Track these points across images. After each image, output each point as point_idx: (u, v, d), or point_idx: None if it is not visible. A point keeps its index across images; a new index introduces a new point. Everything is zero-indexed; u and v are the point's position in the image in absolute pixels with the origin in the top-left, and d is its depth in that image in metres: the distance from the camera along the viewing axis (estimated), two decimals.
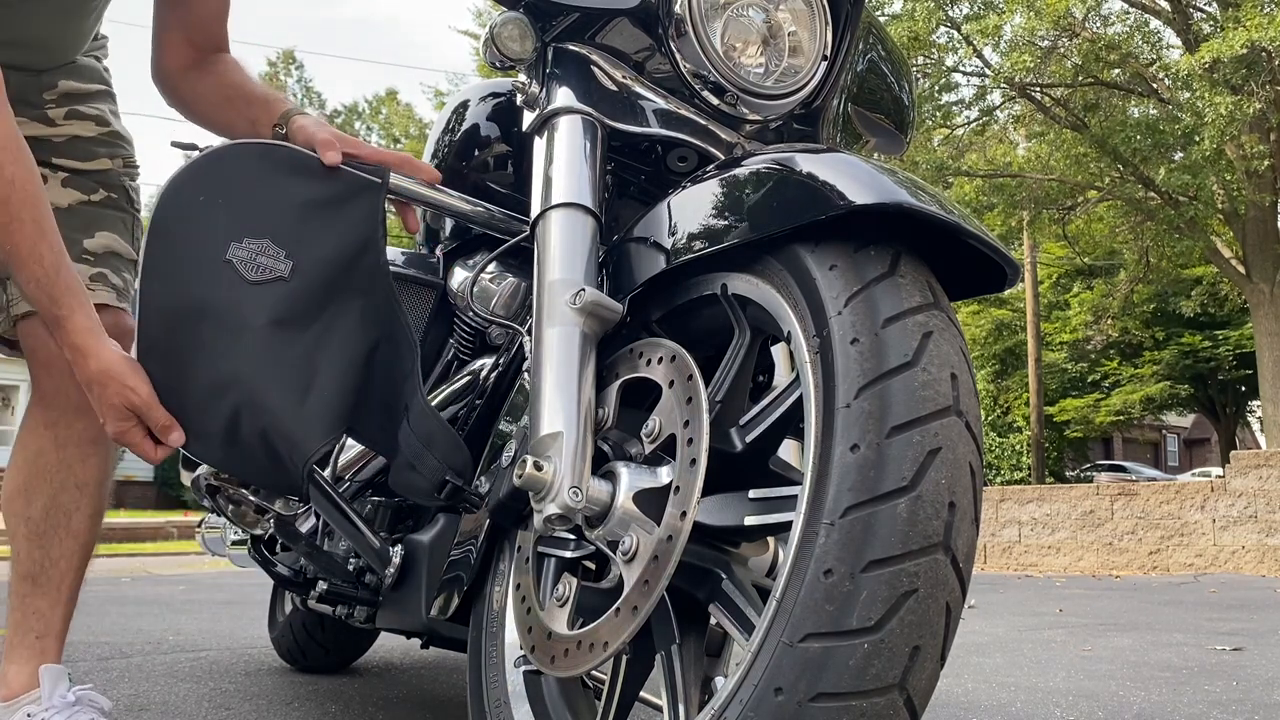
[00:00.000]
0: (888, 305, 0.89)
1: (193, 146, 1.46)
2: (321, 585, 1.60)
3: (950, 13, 14.09)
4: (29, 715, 1.41)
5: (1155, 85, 13.88)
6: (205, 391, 1.17)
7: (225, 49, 1.58)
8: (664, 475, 1.01)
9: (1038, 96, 14.33)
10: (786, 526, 0.93)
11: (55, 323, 1.21)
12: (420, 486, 1.25)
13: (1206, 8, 13.87)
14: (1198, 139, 11.95)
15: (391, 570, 1.39)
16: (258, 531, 1.60)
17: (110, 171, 1.57)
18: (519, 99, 1.29)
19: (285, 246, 1.20)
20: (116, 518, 13.28)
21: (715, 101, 1.24)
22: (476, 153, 1.67)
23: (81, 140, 1.54)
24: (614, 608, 0.97)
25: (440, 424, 1.26)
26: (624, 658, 1.05)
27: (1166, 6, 13.79)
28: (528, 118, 1.27)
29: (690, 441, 0.97)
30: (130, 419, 1.18)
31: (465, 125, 1.69)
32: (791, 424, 0.99)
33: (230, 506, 1.55)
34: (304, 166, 1.27)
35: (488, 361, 1.52)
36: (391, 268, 1.62)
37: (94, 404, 1.21)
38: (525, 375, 1.28)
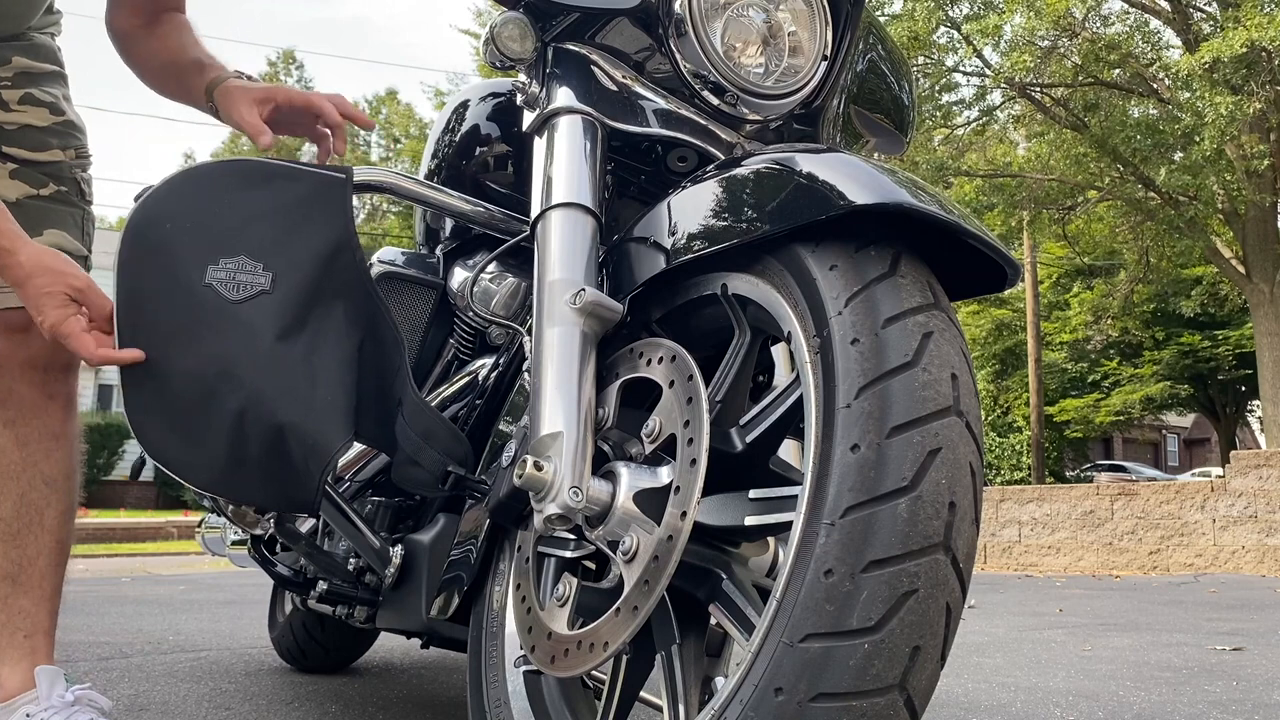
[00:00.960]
0: (888, 305, 0.89)
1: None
2: (321, 585, 1.60)
3: (950, 13, 14.08)
4: (28, 715, 1.41)
5: (1155, 85, 13.87)
6: (202, 418, 1.15)
7: (180, 9, 1.55)
8: (664, 475, 1.01)
9: (1038, 96, 14.32)
10: (787, 526, 0.93)
11: None
12: (423, 480, 1.26)
13: (1206, 8, 13.86)
14: (1198, 139, 11.94)
15: (391, 570, 1.39)
16: (258, 531, 1.60)
17: (62, 164, 1.51)
18: (519, 99, 1.29)
19: (261, 259, 1.19)
20: (116, 518, 13.27)
21: (715, 101, 1.24)
22: (476, 152, 1.67)
23: (34, 129, 1.48)
24: (614, 608, 0.97)
25: (436, 418, 1.26)
26: (624, 658, 1.05)
27: (1166, 6, 13.79)
28: (528, 118, 1.27)
29: (690, 441, 0.97)
30: (71, 306, 1.15)
31: (465, 125, 1.69)
32: (791, 424, 0.99)
33: (230, 506, 1.55)
34: (264, 175, 1.24)
35: (488, 361, 1.53)
36: (391, 268, 1.63)
37: (30, 304, 1.16)
38: (525, 375, 1.28)
